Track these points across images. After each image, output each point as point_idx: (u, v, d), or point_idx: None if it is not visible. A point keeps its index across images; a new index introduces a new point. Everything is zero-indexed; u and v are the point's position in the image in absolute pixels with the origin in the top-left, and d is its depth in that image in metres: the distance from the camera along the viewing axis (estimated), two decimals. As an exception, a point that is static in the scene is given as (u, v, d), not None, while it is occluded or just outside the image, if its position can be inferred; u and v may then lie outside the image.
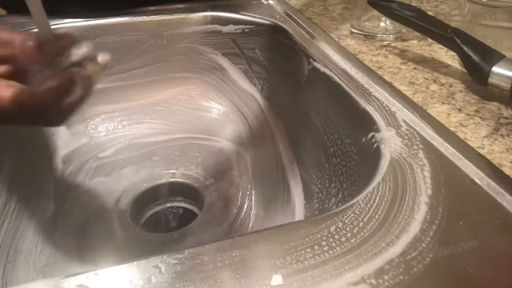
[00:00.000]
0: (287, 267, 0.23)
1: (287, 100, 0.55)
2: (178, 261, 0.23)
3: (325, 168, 0.45)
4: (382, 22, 0.52)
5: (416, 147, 0.32)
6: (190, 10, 0.61)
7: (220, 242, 0.25)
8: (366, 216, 0.26)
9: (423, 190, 0.28)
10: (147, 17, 0.59)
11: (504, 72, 0.37)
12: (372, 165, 0.33)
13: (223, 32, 0.61)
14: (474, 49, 0.39)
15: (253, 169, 0.55)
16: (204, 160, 0.58)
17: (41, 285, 0.22)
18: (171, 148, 0.60)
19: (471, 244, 0.25)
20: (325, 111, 0.46)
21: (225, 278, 0.22)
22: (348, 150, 0.41)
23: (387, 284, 0.22)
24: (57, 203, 0.50)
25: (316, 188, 0.45)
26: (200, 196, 0.53)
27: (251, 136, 0.59)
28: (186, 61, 0.63)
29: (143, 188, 0.54)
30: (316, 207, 0.44)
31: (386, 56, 0.48)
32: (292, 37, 0.53)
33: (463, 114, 0.37)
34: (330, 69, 0.45)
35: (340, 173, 0.41)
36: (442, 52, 0.48)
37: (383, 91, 0.40)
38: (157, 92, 0.64)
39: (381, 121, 0.36)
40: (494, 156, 0.31)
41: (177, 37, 0.61)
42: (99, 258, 0.45)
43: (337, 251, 0.24)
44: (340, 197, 0.40)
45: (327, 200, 0.43)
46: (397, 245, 0.24)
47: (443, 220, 0.26)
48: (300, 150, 0.51)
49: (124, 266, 0.23)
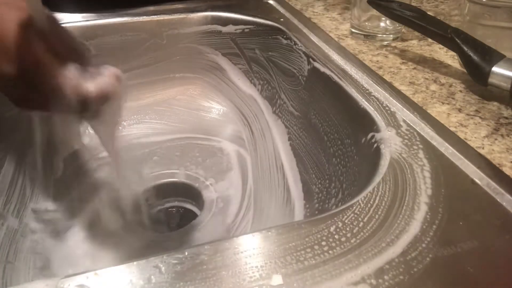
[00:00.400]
0: (287, 267, 0.23)
1: (287, 100, 0.55)
2: (178, 261, 0.23)
3: (325, 168, 0.45)
4: (382, 22, 0.52)
5: (416, 147, 0.32)
6: (190, 10, 0.61)
7: (220, 242, 0.25)
8: (366, 216, 0.26)
9: (423, 190, 0.28)
10: (147, 17, 0.59)
11: (504, 72, 0.37)
12: (372, 165, 0.33)
13: (223, 32, 0.61)
14: (474, 49, 0.39)
15: (253, 169, 0.55)
16: (204, 160, 0.58)
17: (41, 285, 0.22)
18: (171, 148, 0.60)
19: (471, 244, 0.25)
20: (325, 111, 0.46)
21: (225, 278, 0.22)
22: (348, 150, 0.41)
23: (387, 284, 0.22)
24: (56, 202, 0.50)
25: (316, 188, 0.45)
26: (200, 196, 0.53)
27: (251, 136, 0.59)
28: (186, 61, 0.63)
29: (143, 188, 0.54)
30: (316, 207, 0.44)
31: (386, 56, 0.48)
32: (292, 37, 0.53)
33: (463, 114, 0.37)
34: (330, 69, 0.45)
35: (340, 173, 0.41)
36: (442, 52, 0.48)
37: (383, 91, 0.40)
38: (157, 92, 0.64)
39: (381, 121, 0.36)
40: (494, 156, 0.31)
41: (177, 37, 0.61)
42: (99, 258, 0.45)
43: (337, 251, 0.24)
44: (340, 197, 0.40)
45: (327, 200, 0.43)
46: (397, 245, 0.24)
47: (443, 220, 0.26)
48: (300, 150, 0.51)
49: (124, 266, 0.23)
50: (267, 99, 0.59)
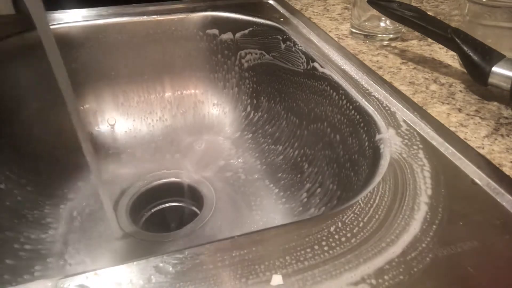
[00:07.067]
0: (287, 267, 0.23)
1: (287, 101, 0.55)
2: (178, 261, 0.23)
3: (325, 168, 0.45)
4: (382, 22, 0.52)
5: (416, 147, 0.32)
6: (190, 10, 0.61)
7: (220, 242, 0.25)
8: (366, 216, 0.26)
9: (423, 190, 0.28)
10: (147, 17, 0.59)
11: (504, 72, 0.37)
12: (372, 165, 0.33)
13: (223, 32, 0.61)
14: (474, 49, 0.39)
15: (254, 169, 0.55)
16: (204, 159, 0.58)
17: (40, 285, 0.22)
18: (171, 148, 0.60)
19: (471, 244, 0.25)
20: (325, 111, 0.46)
21: (225, 278, 0.22)
22: (348, 150, 0.41)
23: (387, 284, 0.22)
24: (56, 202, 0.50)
25: (316, 188, 0.45)
26: (200, 195, 0.53)
27: (252, 136, 0.59)
28: (186, 61, 0.63)
29: (143, 188, 0.54)
30: (317, 206, 0.44)
31: (386, 56, 0.48)
32: (292, 37, 0.53)
33: (463, 114, 0.37)
34: (330, 69, 0.45)
35: (340, 173, 0.41)
36: (442, 52, 0.48)
37: (383, 91, 0.40)
38: (157, 92, 0.64)
39: (381, 121, 0.36)
40: (494, 156, 0.31)
41: (177, 37, 0.61)
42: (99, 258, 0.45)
43: (337, 251, 0.24)
44: (339, 197, 0.40)
45: (327, 201, 0.43)
46: (397, 245, 0.24)
47: (443, 220, 0.26)
48: (300, 150, 0.51)
49: (124, 266, 0.23)
50: (267, 100, 0.59)
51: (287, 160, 0.52)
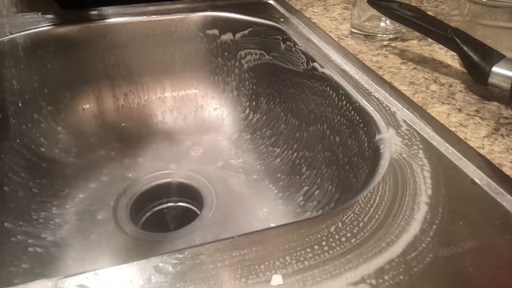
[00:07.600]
0: (287, 267, 0.23)
1: (287, 101, 0.55)
2: (178, 261, 0.23)
3: (325, 168, 0.45)
4: (382, 22, 0.52)
5: (416, 147, 0.32)
6: (190, 10, 0.61)
7: (220, 242, 0.25)
8: (366, 216, 0.26)
9: (423, 190, 0.28)
10: (147, 17, 0.59)
11: (504, 72, 0.37)
12: (372, 165, 0.33)
13: (223, 32, 0.61)
14: (474, 49, 0.39)
15: (254, 169, 0.55)
16: (204, 159, 0.58)
17: (40, 285, 0.22)
18: (171, 148, 0.60)
19: (471, 244, 0.25)
20: (325, 111, 0.46)
21: (225, 278, 0.22)
22: (348, 150, 0.41)
23: (387, 284, 0.22)
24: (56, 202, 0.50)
25: (316, 189, 0.45)
26: (200, 195, 0.53)
27: (252, 136, 0.59)
28: (186, 61, 0.63)
29: (143, 188, 0.54)
30: (316, 207, 0.44)
31: (386, 56, 0.48)
32: (292, 37, 0.53)
33: (463, 114, 0.37)
34: (330, 69, 0.45)
35: (340, 174, 0.41)
36: (442, 52, 0.48)
37: (383, 91, 0.40)
38: (157, 91, 0.64)
39: (381, 121, 0.36)
40: (494, 156, 0.31)
41: (177, 37, 0.61)
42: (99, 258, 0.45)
43: (337, 251, 0.24)
44: (339, 198, 0.40)
45: (326, 201, 0.43)
46: (397, 245, 0.24)
47: (443, 220, 0.26)
48: (300, 150, 0.51)
49: (124, 266, 0.23)
50: (267, 100, 0.59)
51: (286, 162, 0.52)
